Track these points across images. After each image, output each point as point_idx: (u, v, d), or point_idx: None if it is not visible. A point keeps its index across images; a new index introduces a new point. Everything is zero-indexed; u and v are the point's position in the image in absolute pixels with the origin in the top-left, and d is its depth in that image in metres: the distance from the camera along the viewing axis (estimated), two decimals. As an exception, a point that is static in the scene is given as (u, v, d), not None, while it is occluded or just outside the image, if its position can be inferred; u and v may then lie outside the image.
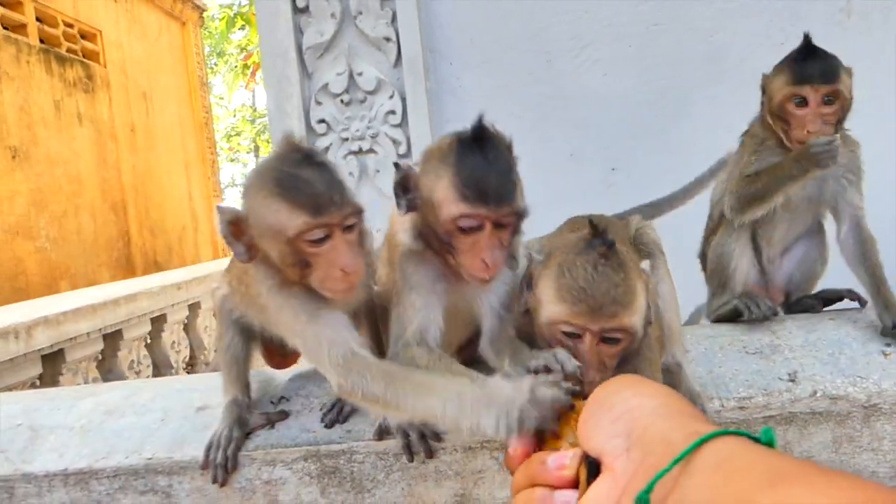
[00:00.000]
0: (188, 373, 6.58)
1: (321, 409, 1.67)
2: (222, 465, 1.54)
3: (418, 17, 3.21)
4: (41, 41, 7.87)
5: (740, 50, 3.31)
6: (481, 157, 1.28)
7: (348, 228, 1.29)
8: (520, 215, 1.32)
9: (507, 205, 1.28)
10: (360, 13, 3.20)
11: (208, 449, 1.56)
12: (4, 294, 6.67)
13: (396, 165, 1.38)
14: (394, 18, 3.21)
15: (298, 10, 3.23)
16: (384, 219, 1.63)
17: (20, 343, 4.33)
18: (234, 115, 27.21)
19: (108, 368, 5.39)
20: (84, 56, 8.68)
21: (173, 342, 6.53)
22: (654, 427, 0.73)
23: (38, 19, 7.82)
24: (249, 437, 1.62)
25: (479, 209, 1.26)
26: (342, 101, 3.26)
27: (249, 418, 1.64)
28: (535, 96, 3.39)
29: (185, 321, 6.71)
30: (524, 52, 3.38)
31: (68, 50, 8.34)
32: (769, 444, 0.68)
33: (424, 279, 1.42)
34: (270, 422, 1.65)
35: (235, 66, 23.64)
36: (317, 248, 1.26)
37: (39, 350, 4.50)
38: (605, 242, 1.26)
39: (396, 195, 1.38)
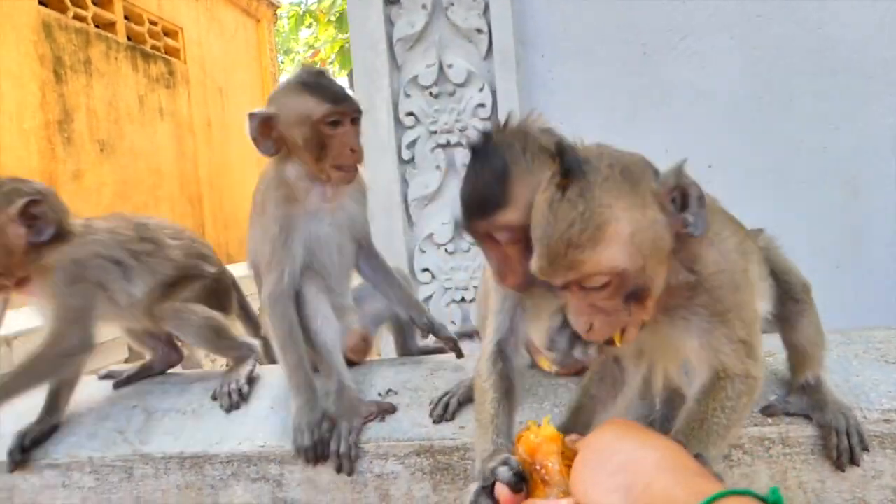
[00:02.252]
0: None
1: (430, 404, 1.63)
2: (346, 454, 1.51)
3: (511, 8, 3.14)
4: (128, 38, 8.16)
5: (851, 43, 3.12)
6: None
7: (354, 121, 1.69)
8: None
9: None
10: (452, 4, 3.16)
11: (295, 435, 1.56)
12: (90, 281, 6.93)
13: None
14: (486, 9, 3.16)
15: (389, 2, 3.22)
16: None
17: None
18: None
19: (187, 356, 5.53)
20: (166, 53, 8.97)
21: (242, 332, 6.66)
22: (657, 484, 0.69)
23: (125, 17, 8.12)
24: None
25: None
26: (431, 93, 3.22)
27: (360, 408, 1.61)
28: (629, 89, 3.27)
29: (260, 311, 6.85)
30: (619, 44, 3.27)
31: (152, 47, 8.63)
32: (776, 503, 0.64)
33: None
34: (382, 412, 1.62)
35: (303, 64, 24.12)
36: (333, 130, 1.65)
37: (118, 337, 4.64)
38: (561, 170, 1.01)
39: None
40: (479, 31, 3.16)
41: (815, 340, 1.49)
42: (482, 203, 1.18)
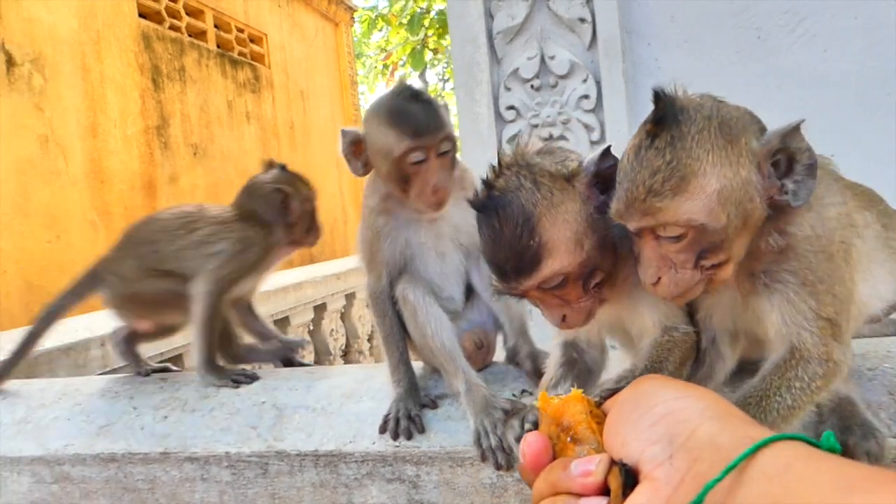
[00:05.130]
0: (344, 361, 6.80)
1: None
2: (499, 447, 1.45)
3: (617, -4, 3.03)
4: (217, 46, 8.46)
5: None
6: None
7: (442, 154, 1.57)
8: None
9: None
10: (554, -6, 3.07)
11: (478, 437, 1.48)
12: (185, 280, 7.22)
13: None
14: (590, -2, 3.06)
15: (489, -5, 3.16)
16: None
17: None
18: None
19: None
20: (252, 58, 9.24)
21: (332, 330, 6.77)
22: (702, 431, 0.64)
23: (215, 26, 8.42)
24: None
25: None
26: (532, 86, 3.15)
27: (495, 403, 1.55)
28: (742, 76, 3.10)
29: (342, 310, 6.94)
30: (731, 29, 3.10)
31: (239, 53, 8.92)
32: (831, 449, 0.61)
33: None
34: (516, 412, 1.56)
35: (375, 67, 24.44)
36: (415, 168, 1.55)
37: (224, 332, 4.80)
38: (654, 118, 0.97)
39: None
40: (583, 20, 3.06)
41: None
42: (518, 264, 1.07)
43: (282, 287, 5.69)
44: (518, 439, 1.40)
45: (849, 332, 1.07)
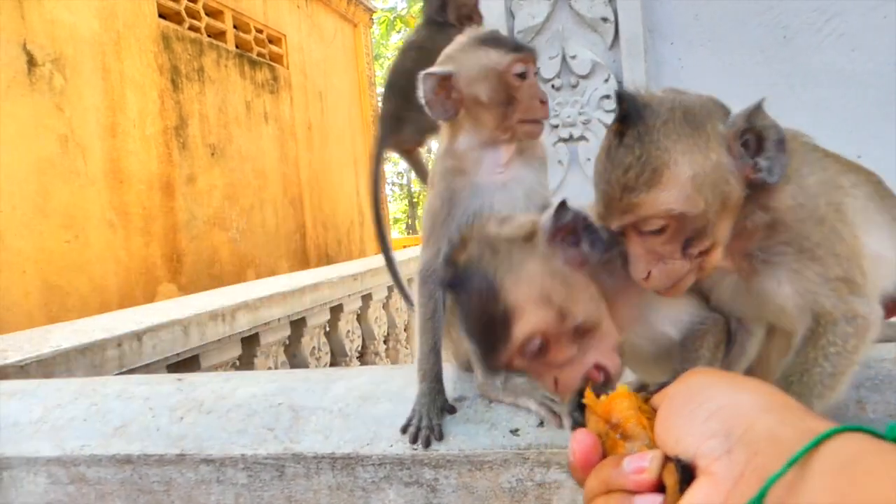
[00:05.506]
0: (360, 362, 6.79)
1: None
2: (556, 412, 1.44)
3: (639, -6, 2.99)
4: (236, 46, 8.50)
5: None
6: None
7: (535, 73, 1.63)
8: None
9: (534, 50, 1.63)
10: (576, -7, 3.03)
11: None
12: (203, 281, 7.26)
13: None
14: (612, -3, 3.02)
15: (510, -6, 3.13)
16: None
17: (226, 325, 4.63)
18: (390, 116, 28.17)
19: (292, 353, 5.66)
20: (270, 59, 9.28)
21: (348, 331, 6.76)
22: (760, 424, 0.63)
23: (234, 26, 8.46)
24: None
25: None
26: (553, 86, 3.11)
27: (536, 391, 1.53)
28: (768, 76, 3.04)
29: (359, 311, 6.93)
30: (756, 28, 3.05)
31: (258, 54, 8.96)
32: None
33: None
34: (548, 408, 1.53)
35: (393, 68, 24.49)
36: (520, 81, 1.56)
37: (240, 333, 4.80)
38: (619, 117, 0.99)
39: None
40: (605, 19, 3.02)
41: None
42: (491, 336, 1.05)
43: (298, 288, 5.69)
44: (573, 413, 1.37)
45: (868, 286, 1.06)
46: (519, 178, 1.66)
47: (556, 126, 3.11)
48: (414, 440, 1.52)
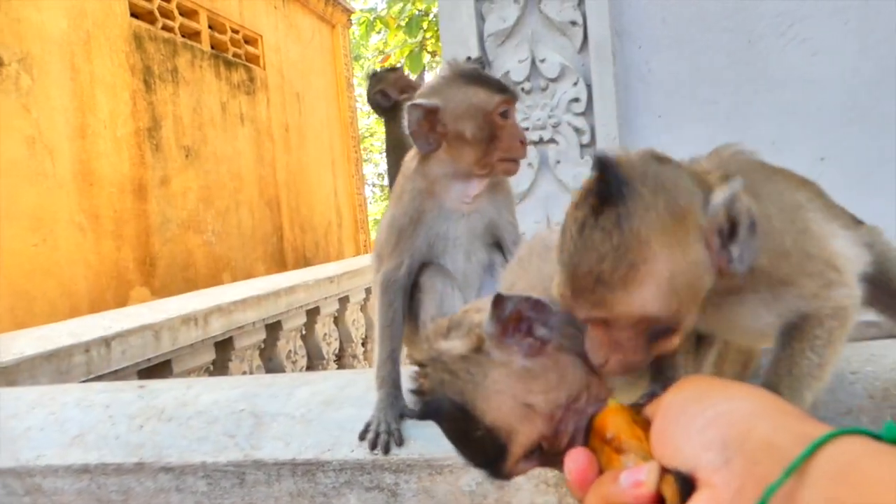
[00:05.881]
0: (338, 366, 6.76)
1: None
2: None
3: (608, -2, 3.02)
4: (211, 47, 8.42)
5: (983, 21, 2.84)
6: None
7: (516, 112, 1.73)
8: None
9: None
10: (545, -3, 3.05)
11: None
12: (177, 284, 7.17)
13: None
14: (581, 1, 3.04)
15: (480, -3, 3.15)
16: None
17: (199, 330, 4.58)
18: (368, 117, 28.10)
19: (268, 357, 5.62)
20: (246, 60, 9.20)
21: (325, 334, 6.72)
22: (757, 431, 0.63)
23: (209, 27, 8.38)
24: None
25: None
26: (523, 88, 3.13)
27: None
28: (733, 80, 3.08)
29: (336, 314, 6.90)
30: (722, 32, 3.09)
31: (234, 54, 8.87)
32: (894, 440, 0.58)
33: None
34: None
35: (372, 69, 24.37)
36: (503, 121, 1.64)
37: (214, 337, 4.75)
38: (597, 191, 0.88)
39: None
40: (574, 23, 3.05)
41: None
42: (479, 459, 1.00)
43: (273, 291, 5.64)
44: None
45: (846, 272, 1.03)
46: (483, 210, 1.76)
47: (527, 129, 3.12)
48: (373, 446, 1.52)
